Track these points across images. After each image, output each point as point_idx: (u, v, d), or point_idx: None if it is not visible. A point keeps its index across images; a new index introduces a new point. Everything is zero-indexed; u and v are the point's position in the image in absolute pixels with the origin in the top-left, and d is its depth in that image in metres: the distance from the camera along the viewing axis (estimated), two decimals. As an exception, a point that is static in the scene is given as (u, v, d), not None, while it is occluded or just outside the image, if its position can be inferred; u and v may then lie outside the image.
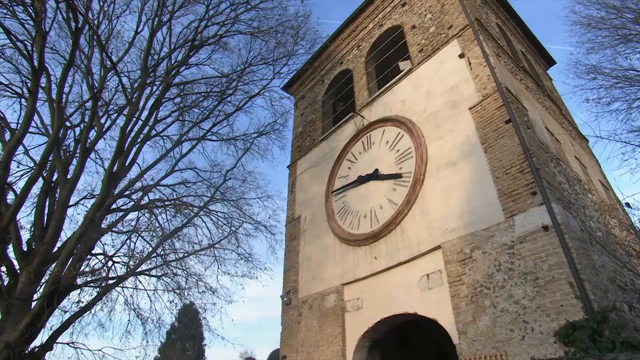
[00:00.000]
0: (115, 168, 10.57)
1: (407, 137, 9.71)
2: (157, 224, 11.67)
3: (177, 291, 11.03)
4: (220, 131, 14.37)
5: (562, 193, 7.20)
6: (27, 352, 8.15)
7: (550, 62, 16.12)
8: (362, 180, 10.37)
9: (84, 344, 9.33)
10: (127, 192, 11.50)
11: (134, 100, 11.39)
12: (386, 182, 9.70)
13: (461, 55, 9.32)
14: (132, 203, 11.76)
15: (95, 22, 11.29)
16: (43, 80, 10.28)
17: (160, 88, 12.16)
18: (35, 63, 9.37)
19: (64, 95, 11.01)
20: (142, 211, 11.75)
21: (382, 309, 8.44)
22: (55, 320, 9.19)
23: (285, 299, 10.96)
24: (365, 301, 8.91)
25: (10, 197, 9.93)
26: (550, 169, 7.51)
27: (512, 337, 6.02)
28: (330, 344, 9.08)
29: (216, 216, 12.89)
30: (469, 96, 8.64)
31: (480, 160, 7.73)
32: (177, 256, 11.28)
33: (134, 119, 11.37)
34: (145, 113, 11.84)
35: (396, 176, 9.46)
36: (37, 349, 8.49)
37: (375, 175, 10.04)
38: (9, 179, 9.96)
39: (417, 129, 9.48)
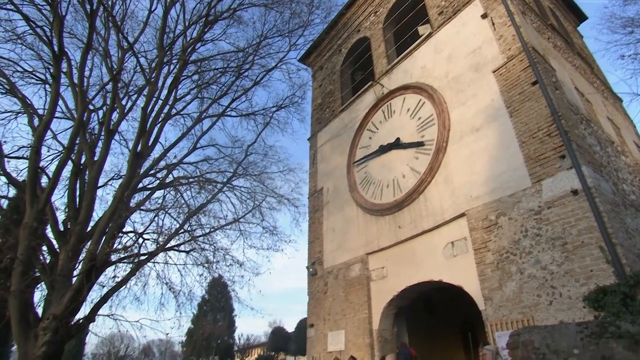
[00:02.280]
0: (139, 148, 10.80)
1: (429, 104, 9.47)
2: (182, 201, 11.97)
3: (206, 265, 11.38)
4: (239, 107, 14.37)
5: (592, 156, 6.94)
6: (72, 323, 8.71)
7: (581, 17, 15.17)
8: (383, 149, 10.26)
9: (122, 316, 9.87)
10: (152, 171, 11.79)
11: (152, 80, 11.46)
12: (408, 150, 9.56)
13: (484, 16, 8.88)
14: (158, 182, 12.06)
15: (110, 2, 11.27)
16: (64, 65, 10.45)
17: (177, 66, 12.18)
18: (55, 48, 9.51)
19: (85, 79, 11.19)
20: (167, 189, 12.06)
21: (407, 277, 8.52)
22: (94, 294, 9.72)
23: (311, 269, 11.19)
24: (390, 270, 9.00)
25: (44, 180, 10.35)
26: (580, 131, 7.22)
27: (540, 302, 5.99)
28: (357, 312, 9.29)
29: (239, 191, 13.07)
30: (493, 58, 8.29)
31: (505, 124, 7.49)
32: (203, 231, 11.58)
33: (154, 99, 11.49)
34: (164, 92, 11.94)
35: (418, 144, 9.31)
36: (81, 321, 9.05)
37: (397, 144, 9.90)
38: (41, 164, 10.35)
39: (439, 95, 9.22)
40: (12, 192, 11.26)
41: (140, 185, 11.38)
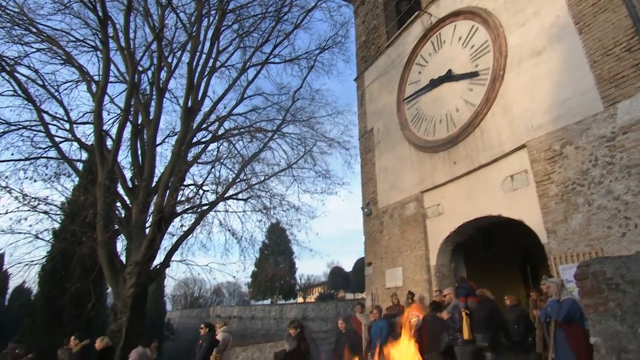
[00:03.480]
0: (189, 103, 11.14)
1: (483, 30, 8.68)
2: (236, 152, 12.42)
3: (264, 211, 11.95)
4: (282, 52, 14.17)
5: (682, 69, 6.09)
6: (151, 268, 9.72)
7: None
8: (434, 83, 9.72)
9: (193, 261, 10.83)
10: (204, 125, 12.21)
11: (194, 34, 11.50)
12: (461, 82, 8.98)
13: None
14: (211, 135, 12.51)
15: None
16: (110, 30, 10.75)
17: (216, 17, 12.04)
18: (100, 13, 9.74)
19: (131, 42, 11.44)
20: (220, 141, 12.52)
21: (463, 213, 8.40)
22: (166, 243, 10.68)
23: (366, 210, 11.33)
24: (446, 206, 8.90)
25: (109, 143, 11.09)
26: (668, 41, 6.30)
27: (610, 234, 5.68)
28: (414, 249, 9.41)
29: (290, 138, 13.21)
30: (559, -33, 7.27)
31: (573, 43, 6.71)
32: (258, 179, 12.07)
33: (198, 53, 11.60)
34: (207, 46, 11.98)
35: (472, 75, 8.69)
36: (158, 266, 10.07)
37: (449, 77, 9.31)
38: (104, 127, 11.06)
39: (494, 18, 8.39)
40: (84, 155, 12.25)
41: (195, 139, 11.88)
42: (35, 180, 10.50)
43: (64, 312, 15.06)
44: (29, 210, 9.69)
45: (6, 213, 9.44)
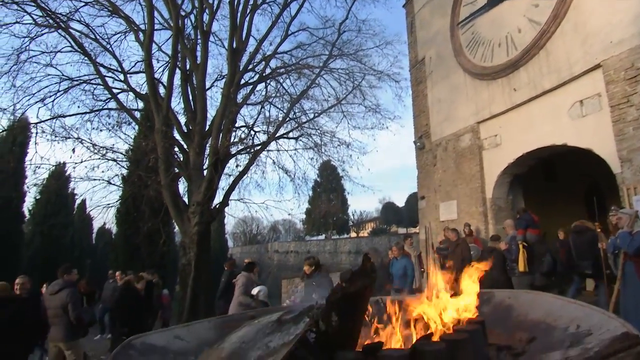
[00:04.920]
0: (234, 44, 11.01)
1: None
2: (284, 91, 12.32)
3: (315, 149, 12.04)
4: (325, -19, 13.26)
5: None
6: (212, 207, 10.37)
7: None
8: (493, 2, 8.75)
9: (249, 199, 11.39)
10: (250, 66, 12.10)
11: (232, -32, 11.03)
12: (525, -3, 8.01)
13: None
14: (258, 75, 12.43)
15: None
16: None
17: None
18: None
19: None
20: (267, 81, 12.43)
21: (523, 144, 7.92)
22: (223, 183, 11.23)
23: (418, 143, 11.02)
24: (504, 137, 8.41)
25: (162, 90, 11.42)
26: None
27: (698, 159, 5.10)
28: (469, 182, 9.15)
29: (337, 73, 12.75)
30: None
31: None
32: (308, 117, 12.03)
33: (239, -10, 11.20)
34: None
35: (539, -13, 7.68)
36: (218, 205, 10.71)
37: (511, -8, 8.32)
38: (155, 75, 11.34)
39: None
40: (140, 104, 12.79)
41: (243, 81, 11.91)
42: (100, 130, 11.27)
43: (141, 249, 16.76)
44: (99, 158, 10.57)
45: (81, 162, 10.39)
